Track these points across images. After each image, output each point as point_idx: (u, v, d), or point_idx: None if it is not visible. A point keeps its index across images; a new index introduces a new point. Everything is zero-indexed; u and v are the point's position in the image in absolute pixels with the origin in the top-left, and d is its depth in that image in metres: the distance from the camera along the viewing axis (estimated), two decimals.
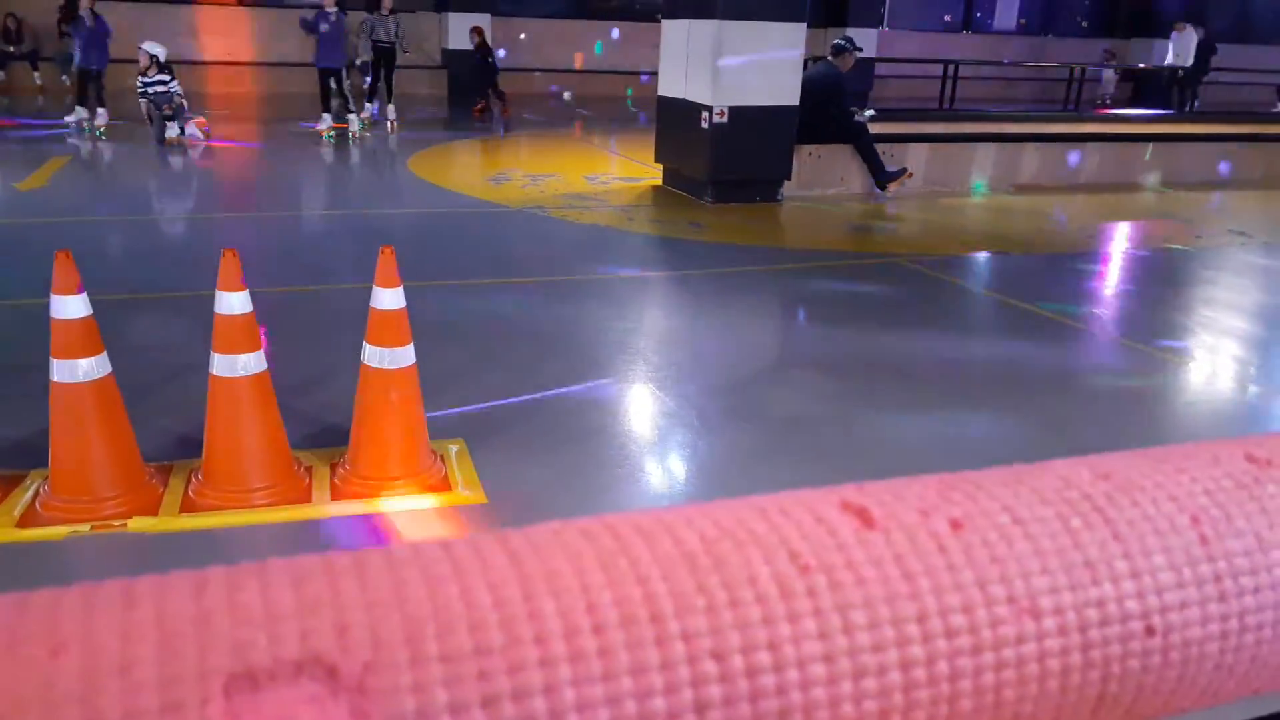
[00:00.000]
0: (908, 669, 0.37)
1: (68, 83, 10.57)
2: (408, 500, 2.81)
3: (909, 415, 3.68)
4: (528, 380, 3.80)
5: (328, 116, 10.84)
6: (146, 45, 9.78)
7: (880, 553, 0.38)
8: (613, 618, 0.34)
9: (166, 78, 9.69)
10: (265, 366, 2.75)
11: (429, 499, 2.83)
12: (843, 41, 8.42)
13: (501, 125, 13.29)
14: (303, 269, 5.66)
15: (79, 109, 10.56)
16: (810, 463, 3.20)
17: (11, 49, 14.62)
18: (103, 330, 2.63)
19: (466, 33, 14.13)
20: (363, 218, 7.13)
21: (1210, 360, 4.52)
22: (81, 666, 0.30)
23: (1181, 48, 16.06)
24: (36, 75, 14.78)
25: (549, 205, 7.53)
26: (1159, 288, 5.90)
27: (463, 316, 4.61)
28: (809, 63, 8.15)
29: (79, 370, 2.56)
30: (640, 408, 3.69)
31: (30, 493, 2.73)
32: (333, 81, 10.96)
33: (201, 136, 9.88)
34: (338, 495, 2.83)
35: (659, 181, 8.49)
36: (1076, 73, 16.64)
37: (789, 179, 7.98)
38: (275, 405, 2.79)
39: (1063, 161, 9.58)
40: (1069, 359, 4.47)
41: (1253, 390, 4.17)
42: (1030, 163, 9.45)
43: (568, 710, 0.32)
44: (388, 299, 2.77)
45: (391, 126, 11.93)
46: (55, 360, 2.56)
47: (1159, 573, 0.41)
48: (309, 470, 2.93)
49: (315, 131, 10.83)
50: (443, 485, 2.90)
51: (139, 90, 9.83)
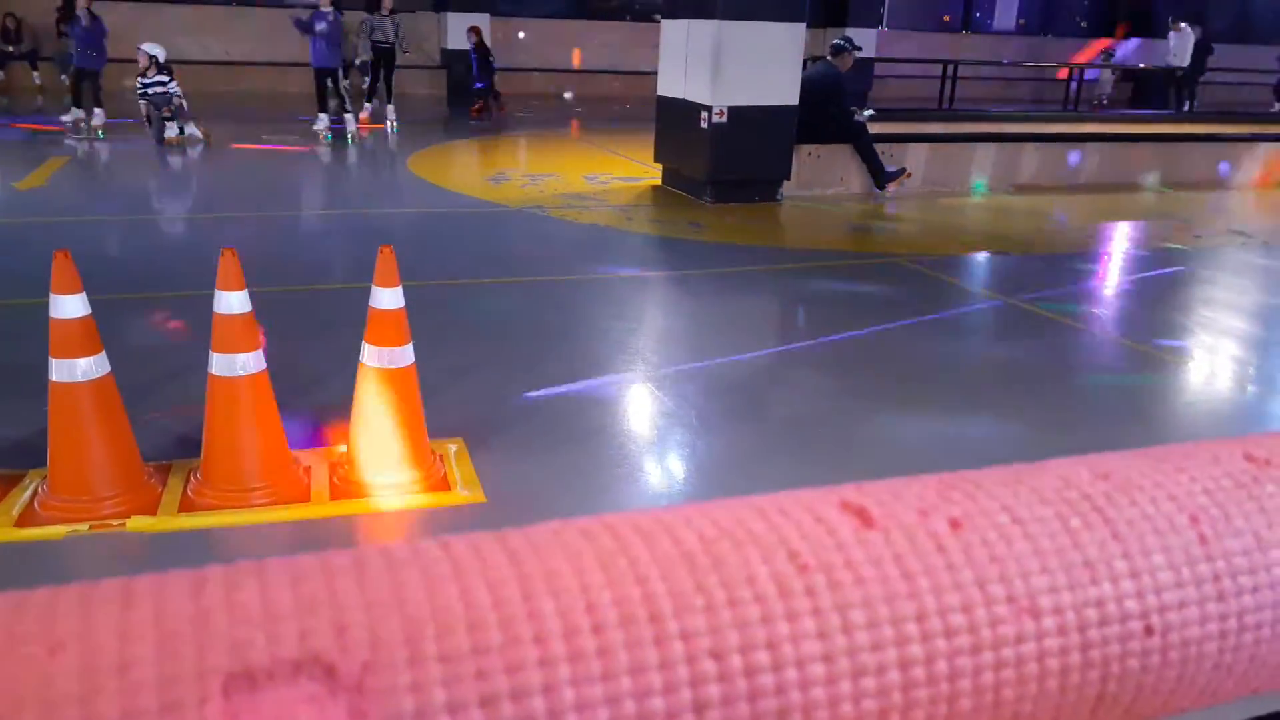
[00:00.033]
0: (907, 668, 0.37)
1: (67, 82, 10.53)
2: (407, 500, 2.81)
3: (908, 415, 3.68)
4: (527, 380, 3.80)
5: (324, 117, 10.80)
6: (146, 46, 9.77)
7: (879, 552, 0.38)
8: (612, 617, 0.34)
9: (165, 79, 9.68)
10: (264, 366, 2.74)
11: (428, 498, 2.83)
12: (842, 41, 8.42)
13: (491, 115, 13.35)
14: (302, 268, 5.66)
15: (75, 109, 10.53)
16: (809, 462, 3.20)
17: (11, 49, 14.62)
18: (101, 330, 2.63)
19: (465, 33, 14.13)
20: (362, 217, 7.13)
21: (1209, 360, 4.52)
22: (80, 666, 0.29)
23: (1179, 47, 16.06)
24: (36, 75, 14.78)
25: (548, 205, 7.53)
26: (1159, 287, 5.91)
27: (462, 316, 4.61)
28: (808, 63, 8.15)
29: (78, 370, 2.56)
30: (639, 407, 3.69)
31: (29, 492, 2.73)
32: (329, 81, 10.93)
33: (200, 136, 9.88)
34: (336, 495, 2.83)
35: (658, 181, 8.49)
36: (1075, 73, 16.66)
37: (788, 179, 7.98)
38: (274, 404, 2.79)
39: (1062, 161, 9.58)
40: (1068, 359, 4.47)
41: (1252, 390, 4.17)
42: (1030, 163, 9.45)
43: (566, 710, 0.32)
44: (387, 298, 2.77)
45: (391, 126, 11.91)
46: (54, 360, 2.56)
47: (1158, 572, 0.41)
48: (308, 470, 2.93)
49: (313, 132, 10.81)
50: (442, 485, 2.90)
51: (138, 91, 9.83)
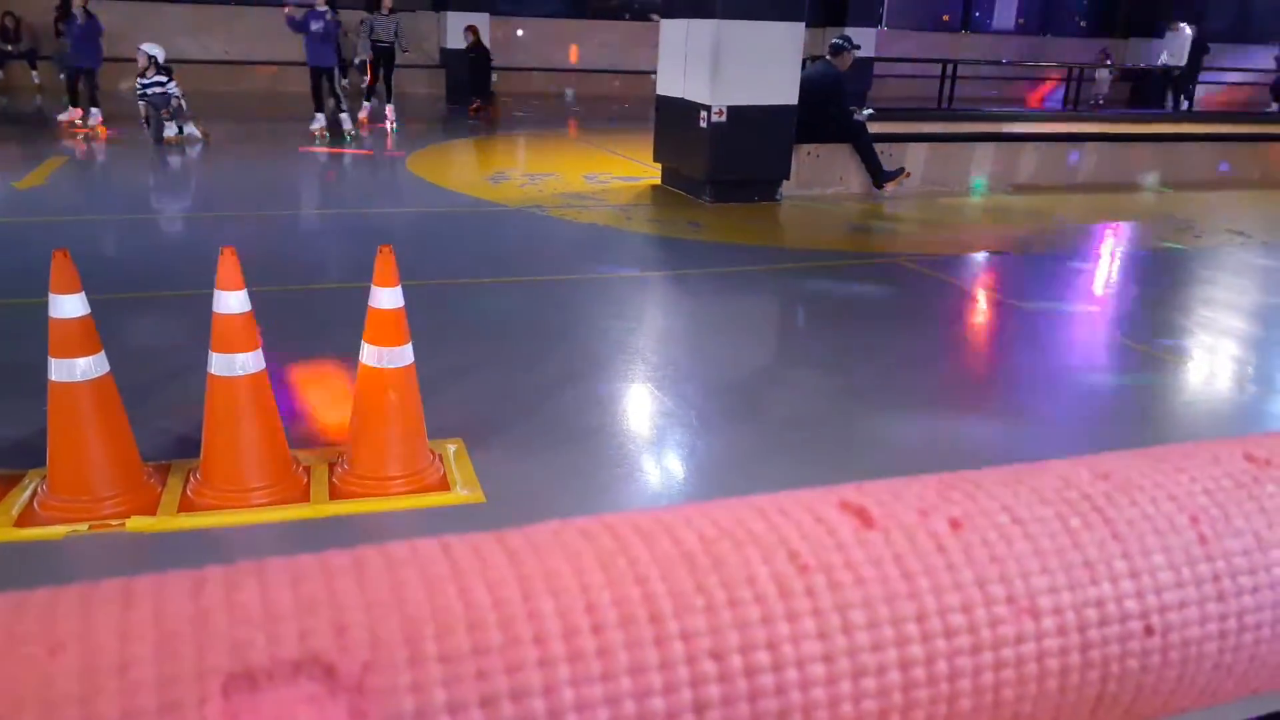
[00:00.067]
0: (907, 669, 0.37)
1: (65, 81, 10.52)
2: (406, 500, 2.81)
3: (908, 415, 3.68)
4: (526, 379, 3.80)
5: (321, 116, 10.71)
6: (145, 46, 9.76)
7: (879, 552, 0.38)
8: (611, 618, 0.34)
9: (164, 79, 9.66)
10: (263, 366, 2.74)
11: (427, 498, 2.83)
12: (841, 41, 8.41)
13: (487, 115, 13.37)
14: (302, 268, 5.66)
15: (71, 108, 10.48)
16: (808, 462, 3.20)
17: (10, 48, 14.61)
18: (101, 329, 2.63)
19: (462, 32, 14.12)
20: (362, 217, 7.13)
21: (1209, 360, 4.52)
22: (80, 666, 0.29)
23: (1176, 47, 16.04)
24: (35, 74, 14.77)
25: (548, 204, 7.53)
26: (1158, 288, 5.91)
27: (461, 316, 4.60)
28: (807, 62, 8.15)
29: (77, 369, 2.56)
30: (639, 407, 3.69)
31: (28, 492, 2.72)
32: (325, 81, 10.82)
33: (200, 135, 9.87)
34: (336, 495, 2.83)
35: (658, 181, 8.49)
36: (1075, 73, 16.65)
37: (788, 178, 7.98)
38: (274, 404, 2.79)
39: (1061, 161, 9.58)
40: (1068, 358, 4.47)
41: (1251, 390, 4.17)
42: (1029, 163, 9.45)
43: (566, 710, 0.32)
44: (386, 298, 2.76)
45: (391, 127, 11.86)
46: (53, 359, 2.56)
47: (1158, 572, 0.41)
48: (307, 470, 2.93)
49: (309, 132, 10.77)
50: (441, 485, 2.90)
51: (138, 92, 9.82)
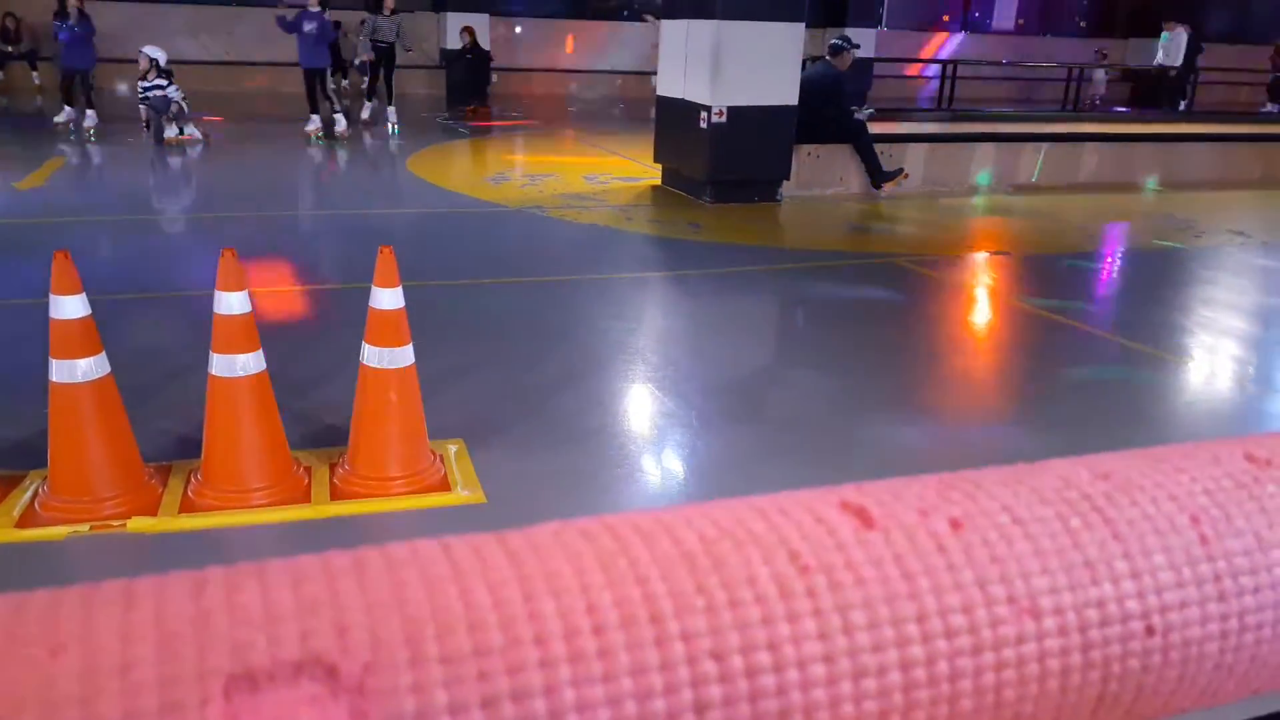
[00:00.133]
0: (908, 669, 0.37)
1: (77, 83, 10.42)
2: (407, 500, 2.81)
3: (908, 415, 3.68)
4: (527, 380, 3.80)
5: (316, 118, 10.64)
6: (147, 49, 9.75)
7: (880, 553, 0.38)
8: (612, 618, 0.34)
9: (164, 83, 9.65)
10: (264, 367, 2.74)
11: (428, 499, 2.83)
12: (840, 41, 8.41)
13: (485, 116, 13.39)
14: (302, 269, 5.66)
15: (67, 109, 10.39)
16: (809, 463, 3.20)
17: (10, 49, 14.61)
18: (102, 330, 2.63)
19: (459, 33, 14.14)
20: (362, 217, 7.13)
21: (1210, 360, 4.52)
22: (81, 667, 0.29)
23: (1173, 48, 16.01)
24: (35, 75, 14.78)
25: (548, 205, 7.53)
26: (1158, 288, 5.90)
27: (462, 316, 4.60)
28: (807, 63, 8.15)
29: (78, 370, 2.56)
30: (639, 408, 3.69)
31: (29, 493, 2.72)
32: (319, 82, 10.67)
33: (200, 136, 9.87)
34: (337, 495, 2.83)
35: (658, 181, 8.49)
36: (1075, 73, 16.63)
37: (788, 179, 7.98)
38: (274, 405, 2.79)
39: (1060, 161, 9.58)
40: (1068, 358, 4.47)
41: (1252, 390, 4.17)
42: (1029, 163, 9.45)
43: (567, 711, 0.32)
44: (387, 299, 2.77)
45: (392, 128, 11.79)
46: (54, 360, 2.56)
47: (1159, 572, 0.41)
48: (308, 470, 2.93)
49: (305, 133, 10.67)
50: (442, 485, 2.90)
51: (139, 95, 9.82)
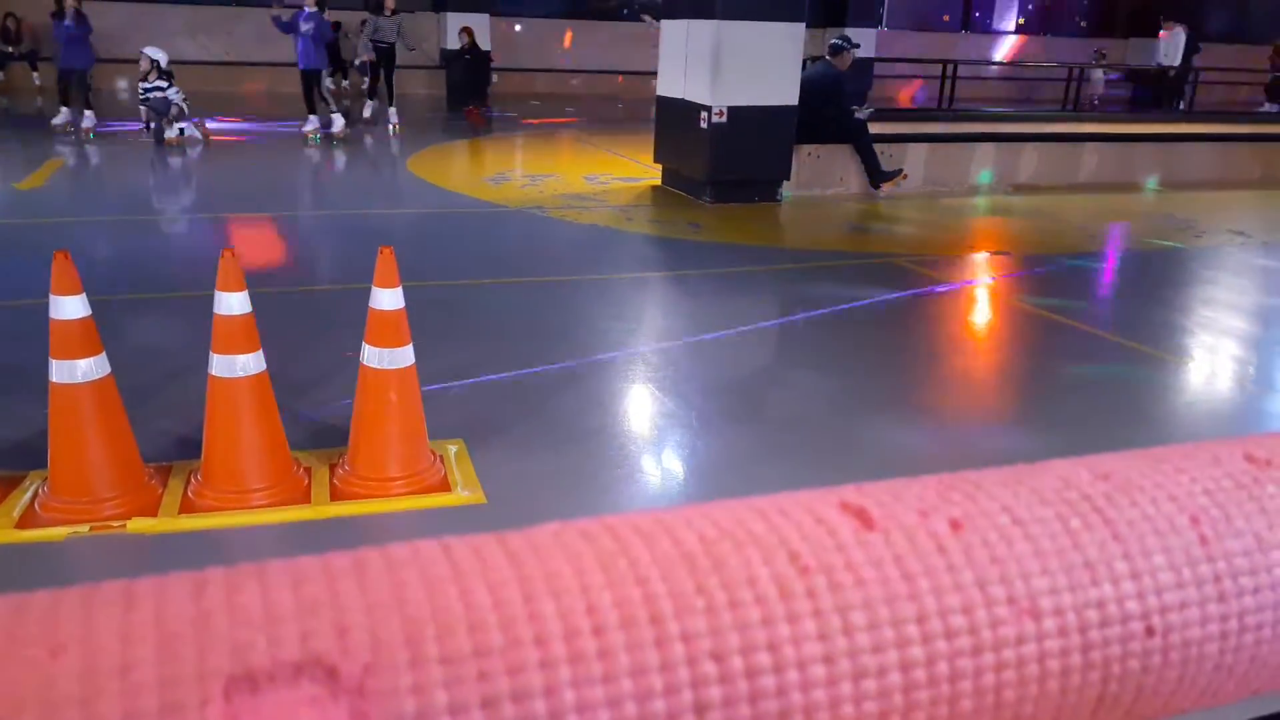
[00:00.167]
0: (908, 670, 0.37)
1: (74, 83, 10.35)
2: (407, 501, 2.81)
3: (908, 415, 3.68)
4: (527, 381, 3.80)
5: (314, 118, 10.60)
6: (148, 50, 9.74)
7: (880, 553, 0.38)
8: (612, 619, 0.34)
9: (164, 84, 9.64)
10: (264, 367, 2.74)
11: (428, 499, 2.83)
12: (840, 41, 8.41)
13: (483, 118, 13.40)
14: (302, 269, 5.67)
15: (64, 110, 10.24)
16: (809, 463, 3.20)
17: (11, 49, 14.61)
18: (102, 331, 2.63)
19: (458, 33, 14.15)
20: (362, 218, 7.13)
21: (1210, 360, 4.52)
22: (81, 668, 0.29)
23: (1171, 48, 15.99)
24: (35, 76, 14.78)
25: (548, 205, 7.53)
26: (1158, 287, 5.90)
27: (462, 317, 4.60)
28: (807, 63, 8.15)
29: (78, 371, 2.56)
30: (639, 408, 3.69)
31: (29, 494, 2.72)
32: (315, 82, 10.59)
33: (200, 137, 9.87)
34: (337, 496, 2.83)
35: (658, 182, 8.49)
36: (1075, 73, 16.63)
37: (788, 179, 7.98)
38: (274, 406, 2.79)
39: (1061, 161, 9.58)
40: (1068, 358, 4.47)
41: (1252, 390, 4.17)
42: (1029, 163, 9.45)
43: (568, 712, 0.32)
44: (387, 299, 2.77)
45: (393, 129, 11.69)
46: (54, 361, 2.56)
47: (1159, 573, 0.41)
48: (308, 471, 2.93)
49: (303, 134, 10.61)
50: (442, 486, 2.90)
51: (140, 96, 9.82)
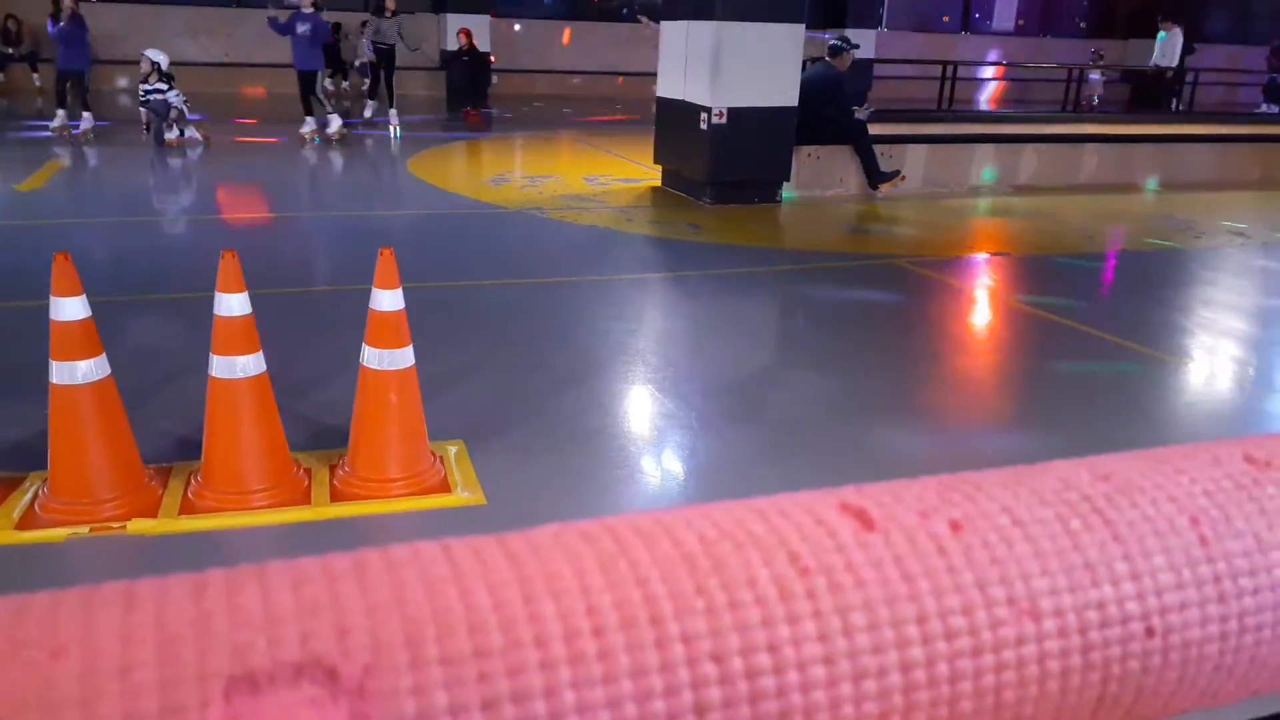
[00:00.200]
0: (908, 671, 0.37)
1: (71, 85, 10.27)
2: (407, 502, 2.81)
3: (907, 416, 3.68)
4: (527, 381, 3.80)
5: (311, 120, 10.55)
6: (149, 52, 9.73)
7: (880, 555, 0.38)
8: (613, 620, 0.34)
9: (164, 87, 9.63)
10: (264, 368, 2.74)
11: (428, 500, 2.83)
12: (839, 42, 8.41)
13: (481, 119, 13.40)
14: (302, 270, 5.67)
15: (60, 113, 10.03)
16: (809, 464, 3.20)
17: (11, 51, 14.61)
18: (102, 332, 2.63)
19: (455, 34, 14.17)
20: (362, 219, 7.14)
21: (1209, 360, 4.52)
22: (81, 669, 0.29)
23: (1169, 48, 15.97)
24: (35, 77, 14.78)
25: (547, 206, 7.53)
26: (1158, 288, 5.91)
27: (462, 318, 4.61)
28: (807, 64, 8.15)
29: (78, 372, 2.56)
30: (639, 409, 3.69)
31: (29, 495, 2.72)
32: (311, 83, 10.49)
33: (200, 138, 9.87)
34: (337, 497, 2.83)
35: (658, 183, 8.49)
36: (1074, 74, 16.62)
37: (788, 180, 7.99)
38: (274, 407, 2.79)
39: (1061, 162, 9.59)
40: (1067, 359, 4.47)
41: (1252, 391, 4.17)
42: (1029, 163, 9.46)
43: (568, 712, 0.32)
44: (387, 300, 2.77)
45: (394, 131, 11.63)
46: (54, 362, 2.56)
47: (1159, 574, 0.41)
48: (308, 472, 2.93)
49: (300, 135, 10.55)
50: (442, 487, 2.90)
51: (140, 98, 9.82)
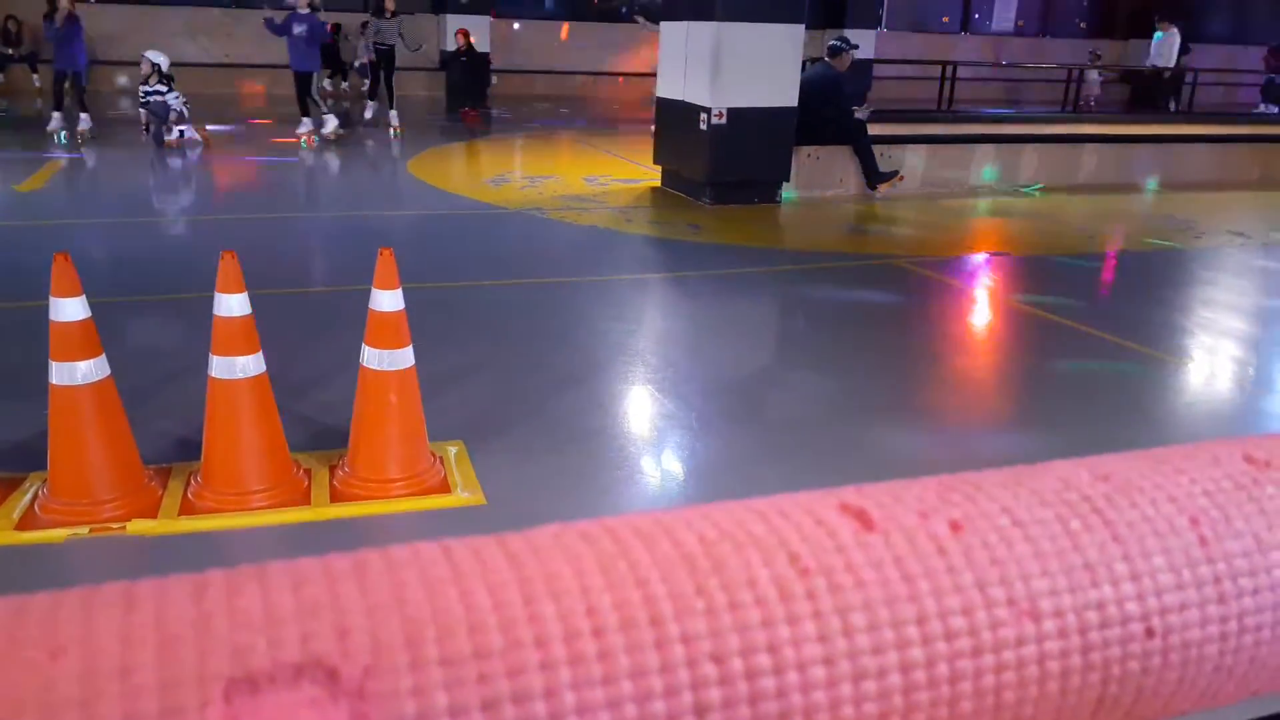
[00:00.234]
0: (908, 671, 0.37)
1: (69, 86, 10.21)
2: (407, 502, 2.81)
3: (907, 417, 3.68)
4: (527, 382, 3.80)
5: (308, 121, 10.49)
6: (149, 53, 9.72)
7: (880, 555, 0.38)
8: (612, 621, 0.34)
9: (164, 89, 9.62)
10: (264, 369, 2.74)
11: (428, 501, 2.83)
12: (838, 42, 8.41)
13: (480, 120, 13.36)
14: (302, 271, 5.67)
15: (56, 115, 9.84)
16: (809, 465, 3.20)
17: (11, 51, 14.61)
18: (101, 332, 2.63)
19: (454, 35, 14.20)
20: (362, 219, 7.14)
21: (1209, 361, 4.52)
22: (81, 670, 0.29)
23: (1166, 48, 15.96)
24: (35, 78, 14.77)
25: (547, 207, 7.53)
26: (1158, 288, 5.91)
27: (462, 318, 4.60)
28: (806, 64, 8.16)
29: (78, 373, 2.56)
30: (639, 409, 3.69)
31: (29, 495, 2.72)
32: (306, 85, 10.39)
33: (200, 139, 9.87)
34: (337, 497, 2.82)
35: (658, 183, 8.49)
36: (1074, 74, 16.61)
37: (788, 180, 7.99)
38: (274, 407, 2.79)
39: (1061, 162, 9.59)
40: (1067, 360, 4.47)
41: (1252, 391, 4.17)
42: (1029, 164, 9.46)
43: (568, 713, 0.32)
44: (387, 301, 2.77)
45: (395, 132, 11.54)
46: (54, 363, 2.56)
47: (1158, 574, 0.41)
48: (308, 472, 2.93)
49: (296, 136, 10.50)
50: (442, 487, 2.90)
51: (140, 99, 9.82)
